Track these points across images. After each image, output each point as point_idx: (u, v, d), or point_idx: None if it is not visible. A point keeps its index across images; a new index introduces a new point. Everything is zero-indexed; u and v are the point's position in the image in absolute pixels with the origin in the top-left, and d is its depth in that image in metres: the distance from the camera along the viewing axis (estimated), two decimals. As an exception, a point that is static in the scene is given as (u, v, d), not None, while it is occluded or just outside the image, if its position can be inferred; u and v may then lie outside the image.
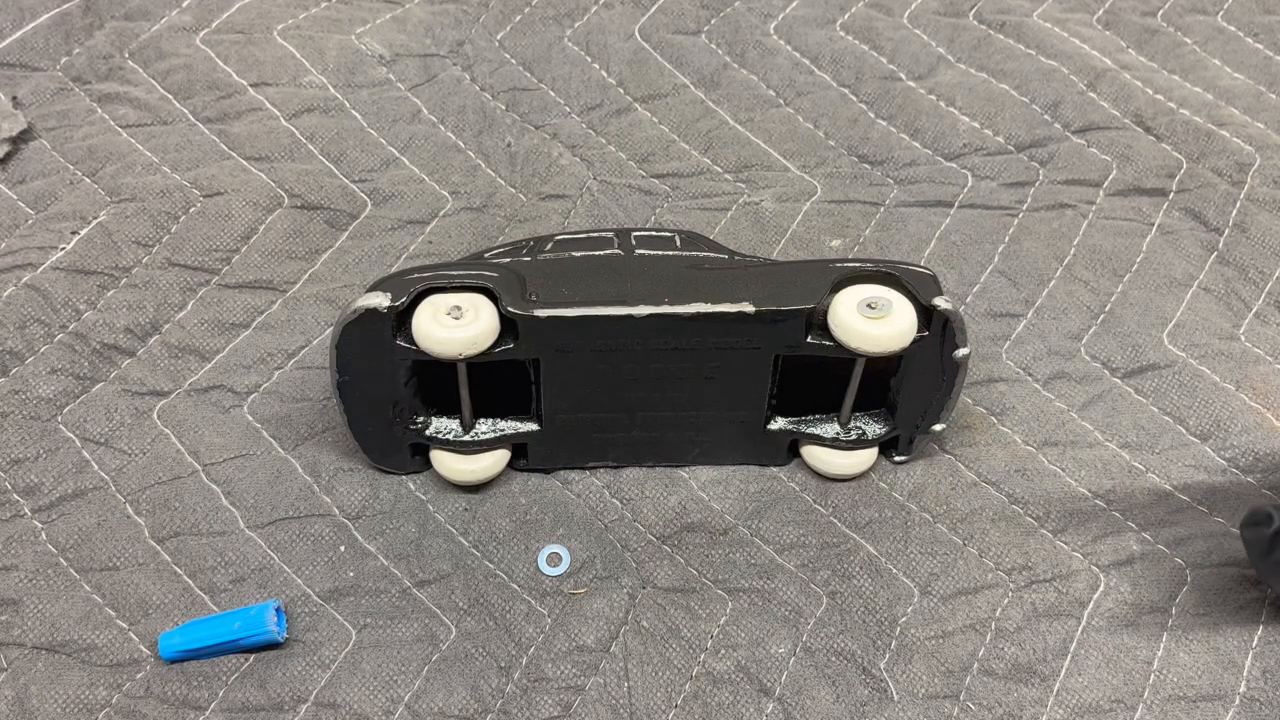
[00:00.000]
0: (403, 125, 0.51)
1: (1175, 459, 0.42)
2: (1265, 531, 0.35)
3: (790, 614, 0.38)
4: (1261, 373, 0.44)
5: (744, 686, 0.36)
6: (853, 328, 0.36)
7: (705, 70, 0.54)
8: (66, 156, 0.48)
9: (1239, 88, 0.54)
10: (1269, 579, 0.36)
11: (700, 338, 0.37)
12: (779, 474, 0.41)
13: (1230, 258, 0.48)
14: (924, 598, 0.38)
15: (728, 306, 0.36)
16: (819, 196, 0.50)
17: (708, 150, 0.51)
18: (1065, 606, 0.38)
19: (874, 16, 0.56)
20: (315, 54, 0.53)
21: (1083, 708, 0.36)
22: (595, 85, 0.53)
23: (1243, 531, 0.36)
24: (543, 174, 0.50)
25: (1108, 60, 0.55)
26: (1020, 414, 0.43)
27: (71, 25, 0.53)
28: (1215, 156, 0.51)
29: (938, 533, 0.40)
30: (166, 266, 0.45)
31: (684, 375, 0.38)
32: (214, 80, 0.51)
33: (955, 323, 0.37)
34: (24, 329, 0.43)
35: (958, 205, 0.49)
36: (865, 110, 0.53)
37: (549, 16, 0.55)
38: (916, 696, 0.36)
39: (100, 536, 0.38)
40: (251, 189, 0.48)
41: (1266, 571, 0.36)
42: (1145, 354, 0.45)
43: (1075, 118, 0.52)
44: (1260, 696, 0.37)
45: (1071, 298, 0.46)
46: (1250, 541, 0.35)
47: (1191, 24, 0.57)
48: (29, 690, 0.35)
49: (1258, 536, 0.35)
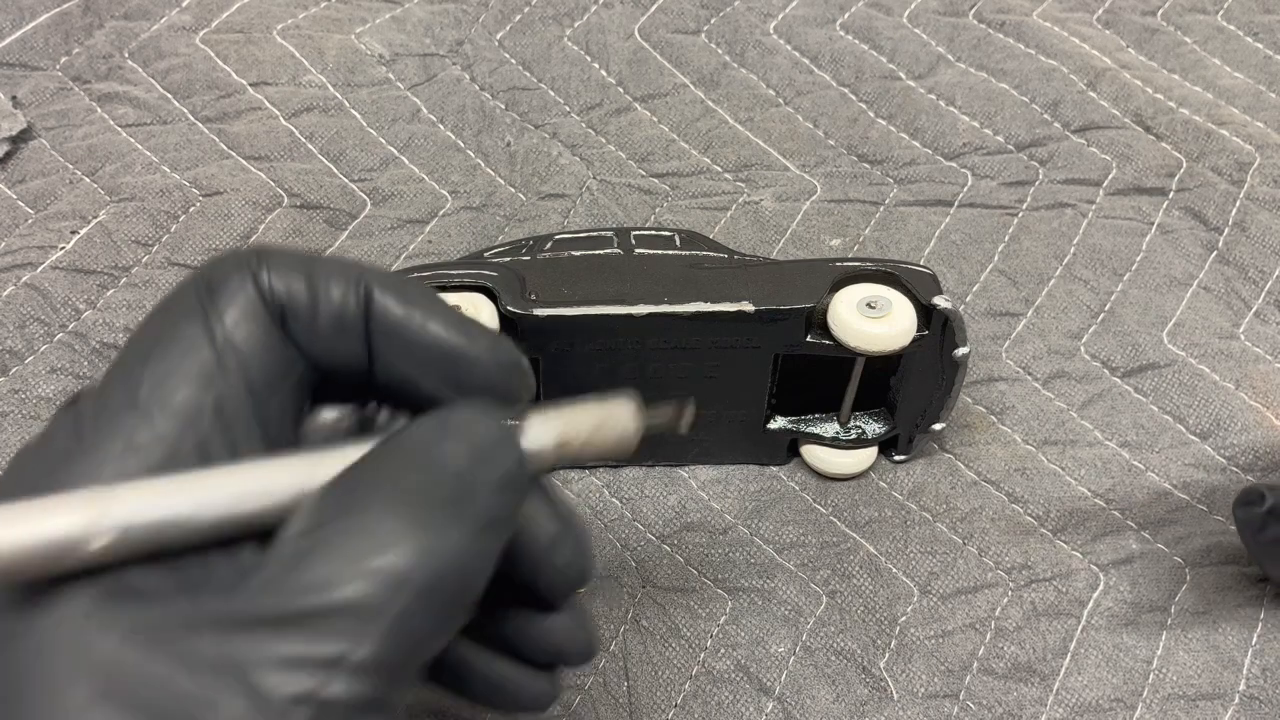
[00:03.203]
0: (402, 125, 0.51)
1: (1175, 458, 0.42)
2: (1258, 510, 0.35)
3: (790, 613, 0.38)
4: (1261, 371, 0.44)
5: (744, 685, 0.36)
6: (852, 327, 0.36)
7: (705, 70, 0.54)
8: (66, 156, 0.48)
9: (1239, 87, 0.54)
10: (1261, 558, 0.37)
11: (700, 337, 0.37)
12: (779, 473, 0.41)
13: (1230, 257, 0.48)
14: (924, 597, 0.38)
15: (727, 306, 0.36)
16: (819, 196, 0.50)
17: (707, 149, 0.51)
18: (1065, 605, 0.38)
19: (874, 16, 0.56)
20: (315, 53, 0.53)
21: (1082, 707, 0.36)
22: (595, 85, 0.53)
23: (1235, 511, 0.36)
24: (542, 173, 0.50)
25: (1107, 59, 0.55)
26: (1020, 413, 0.43)
27: (71, 25, 0.53)
28: (1215, 155, 0.51)
29: (937, 532, 0.40)
30: (166, 266, 0.45)
31: (684, 374, 0.38)
32: (213, 80, 0.51)
33: (955, 322, 0.37)
34: (24, 328, 0.43)
35: (957, 204, 0.49)
36: (865, 109, 0.53)
37: (548, 16, 0.55)
38: (916, 696, 0.36)
39: (100, 536, 0.38)
40: (251, 188, 0.48)
41: (1259, 551, 0.36)
42: (1145, 353, 0.45)
43: (1075, 117, 0.52)
44: (1260, 695, 0.37)
45: (1071, 297, 0.46)
46: (1243, 520, 0.36)
47: (1191, 23, 0.57)
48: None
49: (1250, 515, 0.35)
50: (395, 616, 0.20)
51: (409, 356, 0.24)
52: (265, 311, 0.23)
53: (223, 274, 0.23)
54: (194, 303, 0.23)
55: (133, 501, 0.20)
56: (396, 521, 0.21)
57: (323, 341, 0.24)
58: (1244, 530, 0.36)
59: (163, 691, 0.19)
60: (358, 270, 0.24)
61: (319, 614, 0.20)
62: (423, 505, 0.21)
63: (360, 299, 0.24)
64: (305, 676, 0.19)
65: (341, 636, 0.20)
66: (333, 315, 0.23)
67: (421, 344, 0.24)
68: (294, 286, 0.23)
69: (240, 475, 0.21)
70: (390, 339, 0.24)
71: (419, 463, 0.22)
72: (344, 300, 0.24)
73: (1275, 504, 0.35)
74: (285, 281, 0.23)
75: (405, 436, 0.22)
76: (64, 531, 0.19)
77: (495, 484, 0.22)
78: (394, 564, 0.20)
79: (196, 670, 0.19)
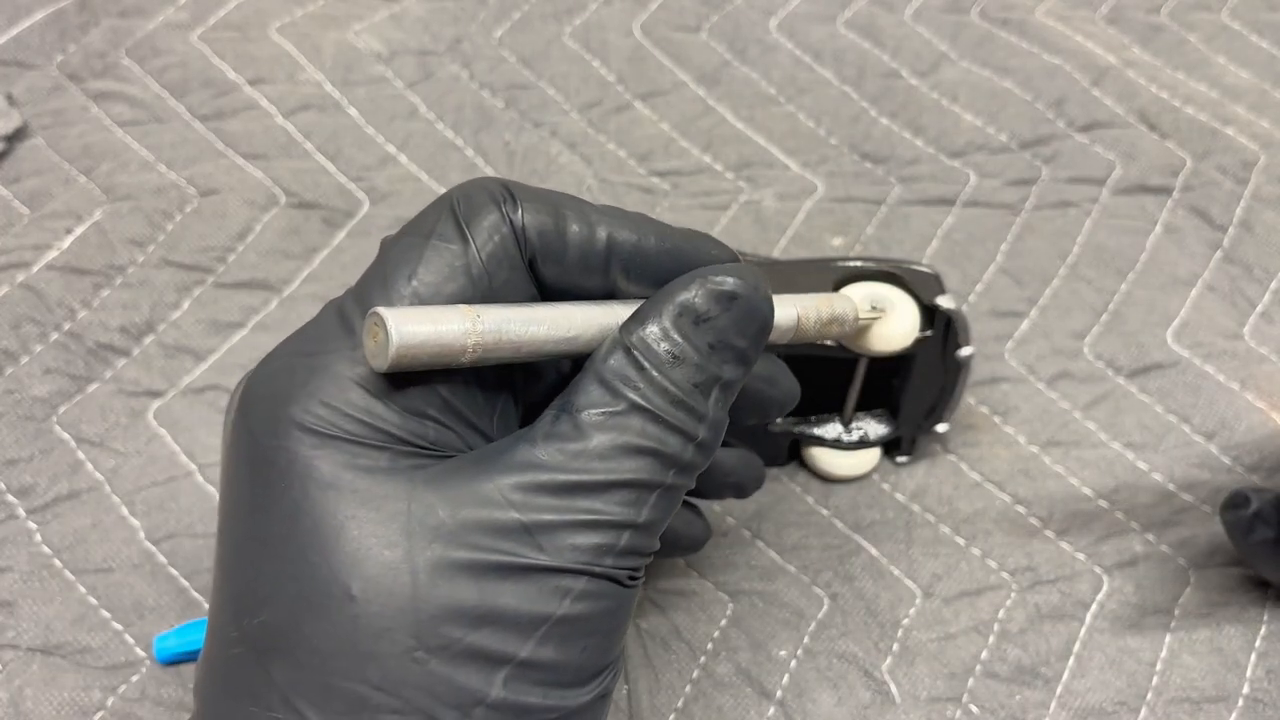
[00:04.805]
0: (400, 123, 0.50)
1: (1179, 459, 0.42)
2: (1244, 513, 0.35)
3: (791, 616, 0.38)
4: (1267, 372, 0.44)
5: (745, 689, 0.36)
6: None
7: (706, 67, 0.54)
8: (61, 154, 0.48)
9: (1244, 85, 0.54)
10: (1251, 560, 0.37)
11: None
12: (780, 475, 0.41)
13: (1235, 256, 0.48)
14: (926, 600, 0.38)
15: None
16: (820, 194, 0.49)
17: (708, 148, 0.51)
18: (1068, 608, 0.38)
19: (876, 13, 0.56)
20: (312, 51, 0.53)
21: (1086, 710, 0.36)
22: (594, 82, 0.53)
23: (1222, 514, 0.36)
24: (542, 172, 0.49)
25: (1112, 58, 0.55)
26: (1024, 414, 0.43)
27: (67, 23, 0.52)
28: (1220, 154, 0.51)
29: (940, 534, 0.40)
30: (162, 265, 0.45)
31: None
32: (210, 78, 0.51)
33: (958, 322, 0.37)
34: (18, 329, 0.42)
35: (960, 203, 0.49)
36: (867, 108, 0.52)
37: (548, 13, 0.55)
38: (919, 699, 0.36)
39: (95, 538, 0.38)
40: (247, 187, 0.47)
41: (1248, 553, 0.36)
42: (1150, 353, 0.44)
43: (1079, 115, 0.52)
44: (1264, 698, 0.36)
45: (1075, 296, 0.46)
46: (1230, 524, 0.36)
47: (1196, 21, 0.57)
48: (23, 693, 0.35)
49: (1237, 518, 0.35)
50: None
51: (649, 278, 0.26)
52: (517, 250, 0.25)
53: (479, 206, 0.25)
54: (454, 230, 0.24)
55: (501, 319, 0.23)
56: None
57: (569, 277, 0.25)
58: (1232, 533, 0.36)
59: (467, 538, 0.22)
60: (590, 206, 0.26)
61: (612, 485, 0.23)
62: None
63: (603, 235, 0.25)
64: (599, 535, 0.23)
65: (628, 505, 0.24)
66: (579, 252, 0.25)
67: (661, 264, 0.26)
68: (544, 225, 0.25)
69: (569, 311, 0.25)
70: (629, 265, 0.26)
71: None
72: (589, 237, 0.25)
73: (1261, 507, 0.35)
74: (536, 220, 0.25)
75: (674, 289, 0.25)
76: (456, 335, 0.23)
77: (755, 333, 0.25)
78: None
79: (502, 523, 0.23)
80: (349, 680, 0.22)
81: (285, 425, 0.23)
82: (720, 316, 0.25)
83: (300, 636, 0.22)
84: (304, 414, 0.23)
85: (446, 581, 0.22)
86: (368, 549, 0.22)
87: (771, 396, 0.31)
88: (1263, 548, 0.35)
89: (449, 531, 0.22)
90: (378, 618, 0.22)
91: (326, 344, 0.24)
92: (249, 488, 0.24)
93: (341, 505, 0.22)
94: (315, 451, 0.23)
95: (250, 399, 0.24)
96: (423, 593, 0.22)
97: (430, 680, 0.22)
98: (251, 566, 0.23)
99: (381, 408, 0.23)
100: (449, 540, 0.22)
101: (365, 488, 0.23)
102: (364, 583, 0.22)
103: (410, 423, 0.24)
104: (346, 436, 0.23)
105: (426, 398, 0.24)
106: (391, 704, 0.22)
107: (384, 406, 0.23)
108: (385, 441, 0.23)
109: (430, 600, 0.22)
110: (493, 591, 0.22)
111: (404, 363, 0.22)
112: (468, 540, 0.22)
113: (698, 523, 0.33)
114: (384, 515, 0.22)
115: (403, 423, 0.23)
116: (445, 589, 0.22)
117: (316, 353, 0.24)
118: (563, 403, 0.24)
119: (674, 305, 0.25)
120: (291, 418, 0.23)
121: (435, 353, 0.22)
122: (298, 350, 0.24)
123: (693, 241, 0.27)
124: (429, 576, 0.22)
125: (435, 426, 0.24)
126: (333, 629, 0.22)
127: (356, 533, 0.22)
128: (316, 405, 0.23)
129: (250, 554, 0.23)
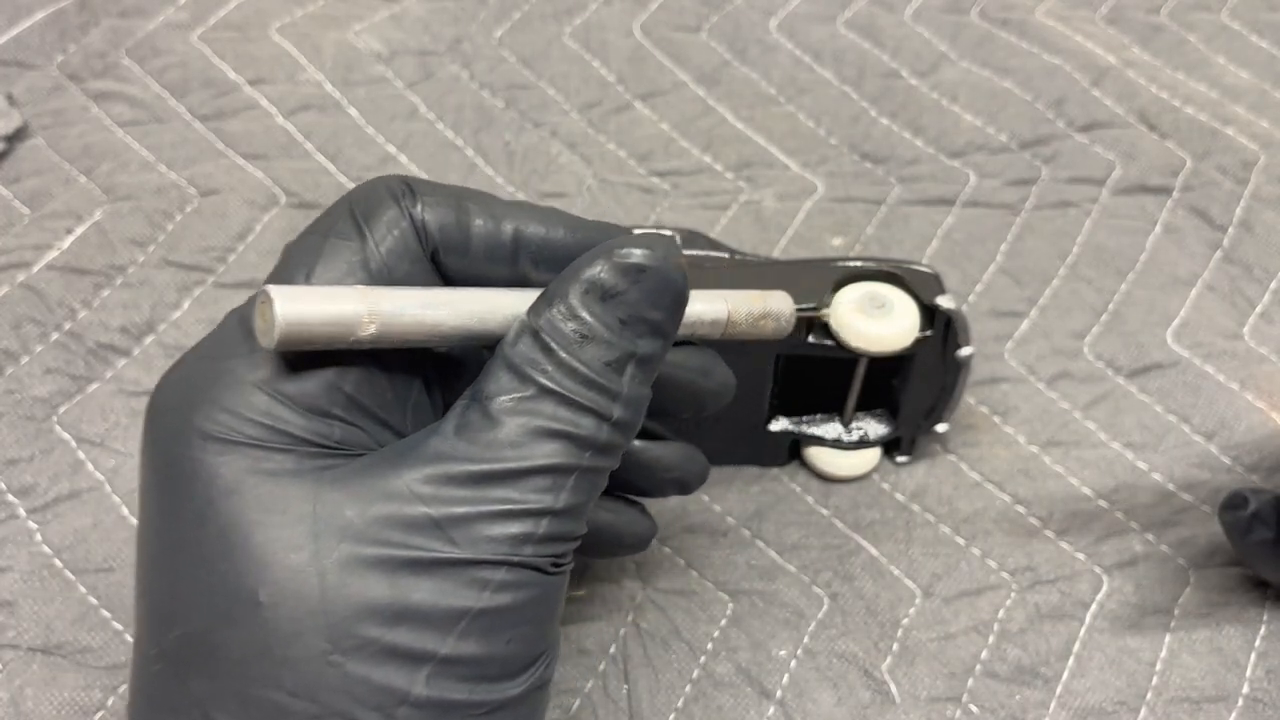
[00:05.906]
0: (400, 123, 0.51)
1: (1179, 459, 0.42)
2: (1242, 514, 0.35)
3: (791, 616, 0.38)
4: (1266, 372, 0.44)
5: (745, 689, 0.36)
6: (854, 327, 0.36)
7: (706, 67, 0.54)
8: (62, 154, 0.48)
9: (1244, 85, 0.54)
10: (1250, 561, 0.37)
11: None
12: (780, 475, 0.41)
13: (1235, 256, 0.48)
14: (926, 599, 0.38)
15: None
16: (820, 195, 0.49)
17: (708, 148, 0.51)
18: (1068, 608, 0.38)
19: (876, 13, 0.56)
20: (312, 51, 0.53)
21: (1086, 710, 0.36)
22: (594, 82, 0.53)
23: (1221, 515, 0.36)
24: (541, 172, 0.50)
25: (1112, 58, 0.55)
26: (1024, 414, 0.43)
27: (67, 23, 0.52)
28: (1220, 154, 0.51)
29: (940, 534, 0.40)
30: (162, 265, 0.45)
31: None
32: (210, 78, 0.51)
33: (958, 322, 0.37)
34: (19, 329, 0.42)
35: (960, 203, 0.49)
36: (867, 108, 0.52)
37: (548, 13, 0.55)
38: (919, 699, 0.36)
39: (96, 537, 0.38)
40: (248, 187, 0.47)
41: (1247, 553, 0.36)
42: (1149, 353, 0.44)
43: (1079, 115, 0.52)
44: (1264, 698, 0.36)
45: (1075, 296, 0.46)
46: (1229, 524, 0.36)
47: (1196, 21, 0.57)
48: (24, 693, 0.35)
49: (1236, 519, 0.35)
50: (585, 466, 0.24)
51: (560, 268, 0.25)
52: (419, 245, 0.25)
53: (376, 203, 0.25)
54: (351, 228, 0.25)
55: (398, 300, 0.23)
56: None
57: (476, 269, 0.26)
58: (1231, 534, 0.36)
59: (377, 535, 0.22)
60: (497, 200, 0.26)
61: (525, 472, 0.23)
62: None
63: (510, 228, 0.25)
64: (516, 525, 0.23)
65: (544, 491, 0.23)
66: (484, 245, 0.25)
67: (572, 255, 0.25)
68: (445, 219, 0.25)
69: (474, 296, 0.24)
70: (539, 256, 0.26)
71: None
72: (494, 230, 0.25)
73: (1259, 507, 0.35)
74: (436, 214, 0.25)
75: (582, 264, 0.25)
76: (348, 313, 0.22)
77: (669, 305, 0.25)
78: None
79: (412, 518, 0.22)
80: (265, 688, 0.22)
81: (188, 433, 0.23)
82: (630, 290, 0.24)
83: (214, 647, 0.22)
84: (206, 421, 0.23)
85: (357, 580, 0.22)
86: (273, 553, 0.22)
87: (706, 388, 0.30)
88: (1261, 548, 0.35)
89: (357, 530, 0.22)
90: (288, 622, 0.22)
91: (228, 349, 0.24)
92: (158, 499, 0.23)
93: (246, 511, 0.22)
94: (219, 459, 0.22)
95: (156, 409, 0.24)
96: (332, 594, 0.22)
97: (347, 682, 0.22)
98: (165, 580, 0.23)
99: (284, 410, 0.23)
100: (357, 539, 0.22)
101: (269, 491, 0.22)
102: (271, 588, 0.22)
103: (314, 423, 0.23)
104: (249, 441, 0.23)
105: (330, 396, 0.23)
106: (310, 709, 0.22)
107: (286, 408, 0.23)
108: (289, 444, 0.23)
109: (341, 600, 0.22)
110: (406, 587, 0.22)
111: (293, 339, 0.22)
112: (377, 537, 0.22)
113: (642, 521, 0.32)
114: (289, 518, 0.22)
115: (307, 423, 0.23)
116: (356, 588, 0.22)
117: (218, 358, 0.24)
118: (473, 392, 0.24)
119: (580, 283, 0.24)
120: (194, 425, 0.23)
121: (327, 331, 0.22)
122: (201, 356, 0.24)
123: (606, 232, 0.26)
124: (338, 577, 0.22)
125: (341, 425, 0.24)
126: (245, 637, 0.22)
127: (261, 538, 0.22)
128: (218, 411, 0.23)
129: (163, 567, 0.23)
